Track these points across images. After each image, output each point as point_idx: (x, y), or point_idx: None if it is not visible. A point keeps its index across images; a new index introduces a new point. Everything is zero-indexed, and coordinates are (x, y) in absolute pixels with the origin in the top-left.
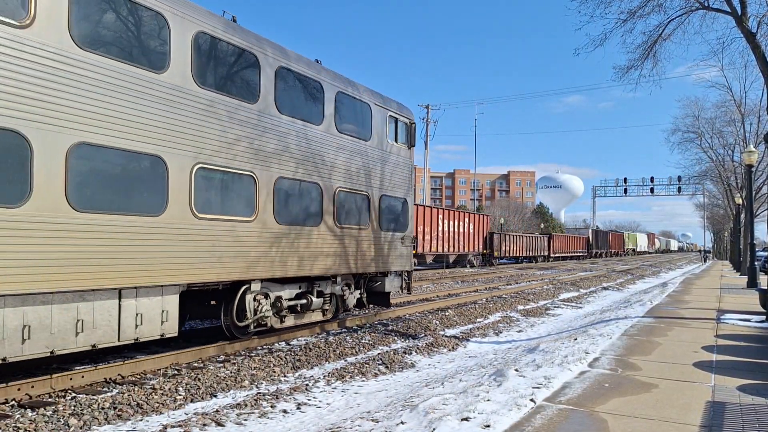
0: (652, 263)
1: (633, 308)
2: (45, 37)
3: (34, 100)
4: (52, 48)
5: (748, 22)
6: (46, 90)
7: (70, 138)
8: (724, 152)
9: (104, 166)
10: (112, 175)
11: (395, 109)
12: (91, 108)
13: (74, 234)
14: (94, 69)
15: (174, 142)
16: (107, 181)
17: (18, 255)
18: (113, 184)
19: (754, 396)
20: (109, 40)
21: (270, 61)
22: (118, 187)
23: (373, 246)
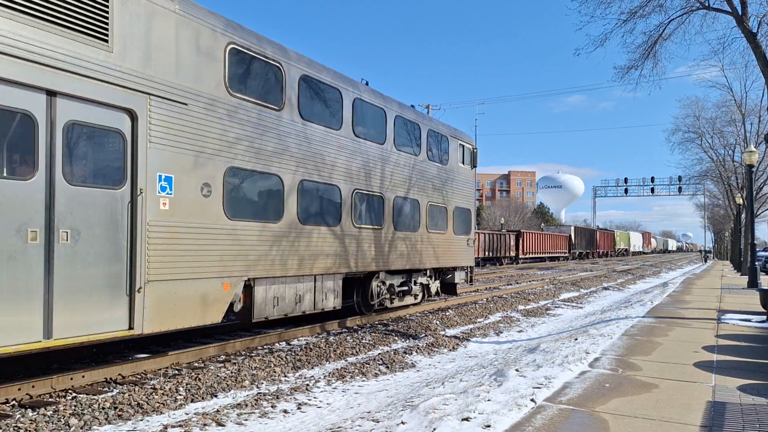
0: (653, 263)
1: (633, 308)
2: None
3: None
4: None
5: (748, 21)
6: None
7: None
8: (725, 152)
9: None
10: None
11: (462, 137)
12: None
13: (301, 239)
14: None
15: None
16: (316, 202)
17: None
18: (318, 204)
19: (755, 396)
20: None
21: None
22: (321, 206)
23: (449, 246)
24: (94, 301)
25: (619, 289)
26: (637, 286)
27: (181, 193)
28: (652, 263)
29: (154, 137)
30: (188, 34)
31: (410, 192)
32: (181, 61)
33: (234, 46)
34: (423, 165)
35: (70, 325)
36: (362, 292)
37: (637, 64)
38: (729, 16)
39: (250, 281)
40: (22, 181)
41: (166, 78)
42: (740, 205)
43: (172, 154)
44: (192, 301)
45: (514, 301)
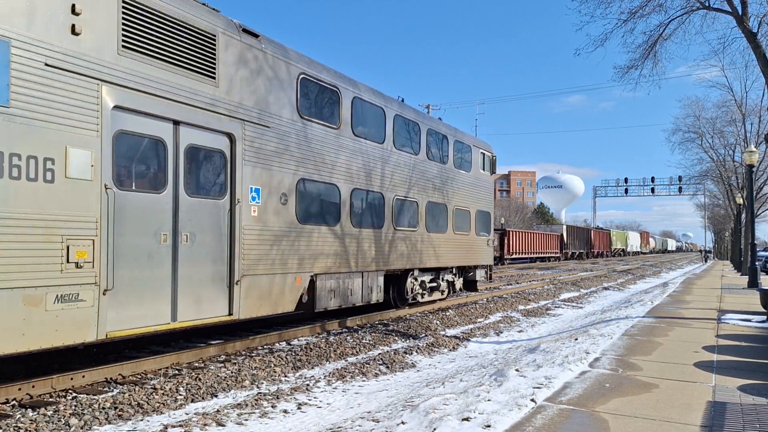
0: (653, 263)
1: (634, 308)
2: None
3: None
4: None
5: (748, 21)
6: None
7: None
8: (725, 152)
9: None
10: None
11: (483, 146)
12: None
13: (353, 240)
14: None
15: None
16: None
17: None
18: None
19: (755, 396)
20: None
21: (417, 120)
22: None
23: (471, 246)
24: (204, 292)
25: (620, 289)
26: (637, 286)
27: (266, 202)
28: (652, 263)
29: (246, 156)
30: (271, 68)
31: (439, 197)
32: (266, 90)
33: (304, 75)
34: (449, 173)
35: (189, 311)
36: (398, 288)
37: (637, 64)
38: (729, 16)
39: (314, 276)
40: (156, 194)
41: (256, 106)
42: (740, 205)
43: (259, 170)
44: (274, 292)
45: (514, 301)
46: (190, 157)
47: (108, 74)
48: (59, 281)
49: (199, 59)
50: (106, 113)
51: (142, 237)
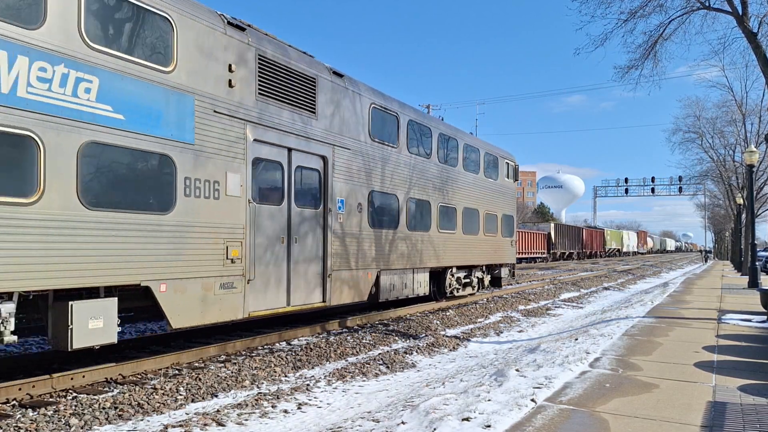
0: (653, 263)
1: (634, 308)
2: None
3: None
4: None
5: (749, 22)
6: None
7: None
8: (725, 152)
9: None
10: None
11: (507, 156)
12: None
13: (408, 242)
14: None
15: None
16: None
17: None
18: (385, 212)
19: (755, 396)
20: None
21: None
22: (420, 217)
23: (498, 247)
24: (307, 283)
25: (620, 289)
26: (638, 286)
27: (348, 211)
28: (652, 263)
29: (335, 173)
30: (350, 101)
31: (472, 203)
32: (348, 119)
33: (373, 105)
34: (481, 181)
35: (297, 297)
36: (437, 284)
37: (637, 64)
38: (729, 16)
39: (379, 272)
40: (278, 206)
41: (340, 132)
42: (741, 205)
43: (343, 184)
44: (354, 285)
45: (514, 301)
46: (298, 176)
47: (250, 116)
48: (222, 273)
49: (305, 98)
50: (249, 145)
51: (269, 239)
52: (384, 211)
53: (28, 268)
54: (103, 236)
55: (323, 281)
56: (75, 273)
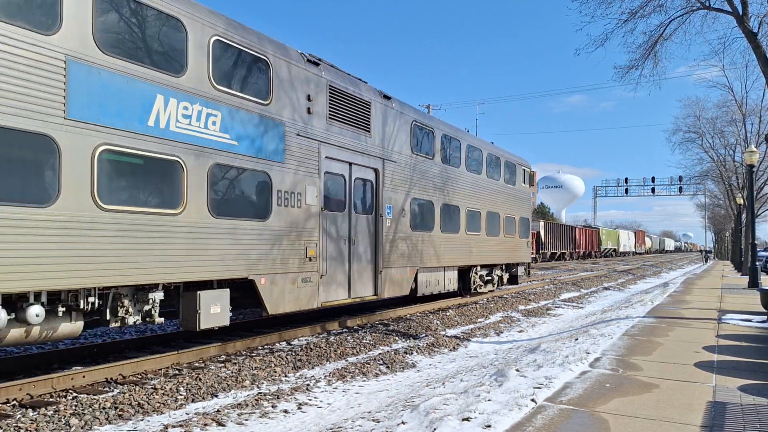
0: (653, 263)
1: (634, 308)
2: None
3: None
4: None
5: (749, 22)
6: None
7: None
8: (725, 152)
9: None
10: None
11: (524, 163)
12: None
13: (441, 243)
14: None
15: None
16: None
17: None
18: (424, 216)
19: (756, 396)
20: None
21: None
22: (451, 220)
23: (516, 247)
24: (364, 279)
25: (620, 289)
26: (638, 286)
27: (394, 216)
28: (652, 263)
29: (384, 183)
30: (395, 119)
31: (494, 207)
32: (394, 136)
33: (414, 122)
34: (501, 187)
35: (356, 291)
36: (463, 281)
37: (637, 64)
38: (729, 16)
39: (417, 270)
40: (342, 213)
41: (388, 147)
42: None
43: (390, 192)
44: (399, 280)
45: (514, 301)
46: (356, 186)
47: (322, 137)
48: (303, 269)
49: (362, 119)
50: (321, 161)
51: (335, 241)
52: (422, 215)
53: (172, 265)
54: (224, 239)
55: (375, 277)
56: (204, 268)
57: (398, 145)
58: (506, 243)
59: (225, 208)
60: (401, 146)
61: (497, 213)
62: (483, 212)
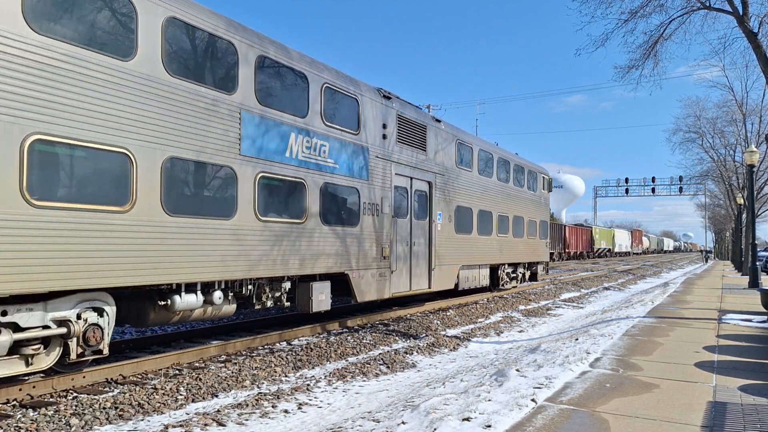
0: (653, 263)
1: (634, 308)
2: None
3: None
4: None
5: (749, 21)
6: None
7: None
8: (726, 152)
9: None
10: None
11: (543, 171)
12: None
13: (478, 244)
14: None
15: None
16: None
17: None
18: (467, 220)
19: (756, 396)
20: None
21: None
22: (487, 224)
23: (537, 247)
24: (420, 274)
25: (620, 289)
26: (638, 286)
27: (443, 221)
28: (652, 263)
29: (436, 193)
30: (444, 139)
31: (519, 211)
32: (443, 152)
33: (458, 140)
34: (525, 194)
35: (415, 284)
36: (492, 277)
37: (637, 64)
38: (730, 16)
39: (459, 268)
40: (405, 219)
41: (439, 162)
42: (741, 205)
43: (440, 201)
44: (446, 276)
45: (514, 302)
46: (415, 196)
47: (393, 157)
48: (379, 266)
49: (420, 140)
50: (392, 177)
51: (401, 243)
52: (463, 220)
53: (298, 262)
54: (330, 242)
55: (429, 273)
56: (316, 265)
57: (446, 160)
58: (529, 243)
59: (331, 218)
60: (448, 161)
61: (522, 217)
62: (510, 216)
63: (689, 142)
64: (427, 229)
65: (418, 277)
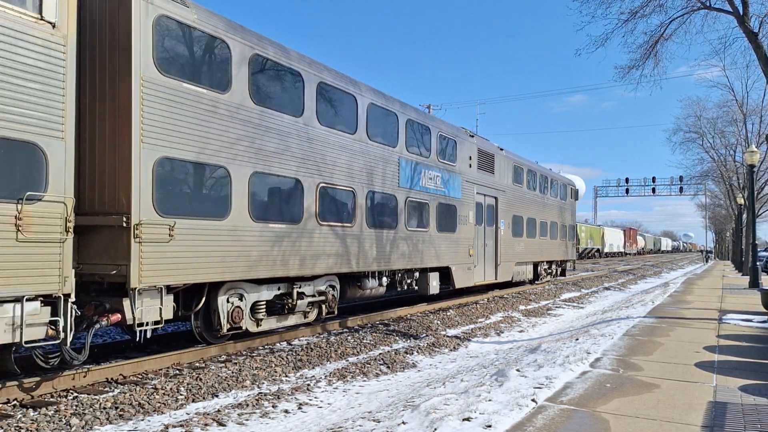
0: (654, 264)
1: (635, 308)
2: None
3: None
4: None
5: (749, 21)
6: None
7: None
8: (726, 152)
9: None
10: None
11: (571, 182)
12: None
13: (525, 244)
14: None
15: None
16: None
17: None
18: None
19: (756, 396)
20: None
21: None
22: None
23: (566, 247)
24: (490, 268)
25: (620, 289)
26: (638, 286)
27: (504, 227)
28: (653, 263)
29: (500, 206)
30: (505, 162)
31: (553, 218)
32: (504, 173)
33: (515, 164)
34: (557, 202)
35: (487, 276)
36: (534, 272)
37: (638, 64)
38: (730, 16)
39: (515, 264)
40: (481, 226)
41: (502, 182)
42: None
43: (502, 212)
44: (506, 270)
45: (515, 302)
46: (487, 209)
47: (475, 180)
48: (467, 262)
49: (490, 165)
50: (475, 195)
51: (479, 244)
52: (517, 226)
53: (425, 259)
54: (443, 244)
55: (495, 267)
56: (433, 260)
57: (506, 179)
58: (561, 244)
59: (442, 226)
60: (507, 180)
61: (555, 222)
62: (548, 222)
63: (690, 142)
64: (494, 234)
65: (489, 271)
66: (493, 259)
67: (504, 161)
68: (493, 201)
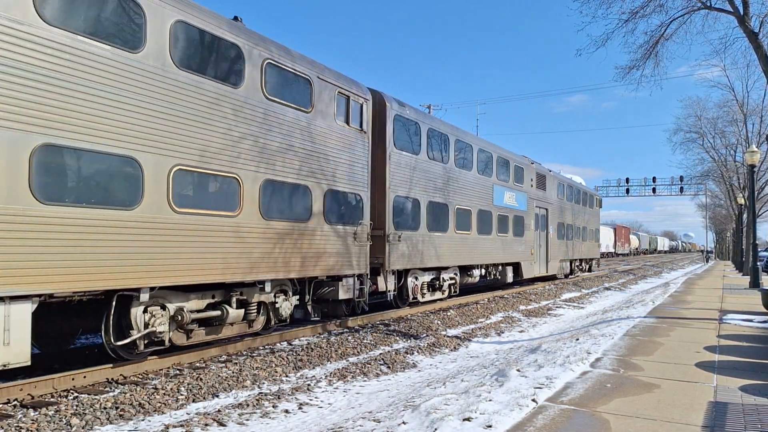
0: (654, 264)
1: (635, 308)
2: None
3: None
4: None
5: (750, 21)
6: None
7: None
8: (726, 152)
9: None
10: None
11: (596, 193)
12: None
13: (564, 245)
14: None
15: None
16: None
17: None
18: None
19: (756, 396)
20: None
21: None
22: (569, 232)
23: (593, 247)
24: (543, 263)
25: (621, 289)
26: (639, 286)
27: (552, 232)
28: (653, 264)
29: (550, 215)
30: (553, 182)
31: (581, 222)
32: (552, 190)
33: (559, 182)
34: (586, 210)
35: (541, 270)
36: (569, 268)
37: (638, 64)
38: (730, 16)
39: (559, 261)
40: (536, 231)
41: (551, 196)
42: (742, 205)
43: (551, 219)
44: (553, 266)
45: (515, 302)
46: (540, 218)
47: (534, 196)
48: (529, 258)
49: (543, 184)
50: (534, 207)
51: (536, 245)
52: (562, 231)
53: (506, 256)
54: (515, 245)
55: (546, 263)
56: (510, 257)
57: (553, 195)
58: (589, 245)
59: (516, 231)
60: (554, 194)
61: (585, 226)
62: (581, 226)
63: (690, 142)
64: (545, 236)
65: (542, 266)
66: (545, 257)
67: (552, 180)
68: (545, 212)
